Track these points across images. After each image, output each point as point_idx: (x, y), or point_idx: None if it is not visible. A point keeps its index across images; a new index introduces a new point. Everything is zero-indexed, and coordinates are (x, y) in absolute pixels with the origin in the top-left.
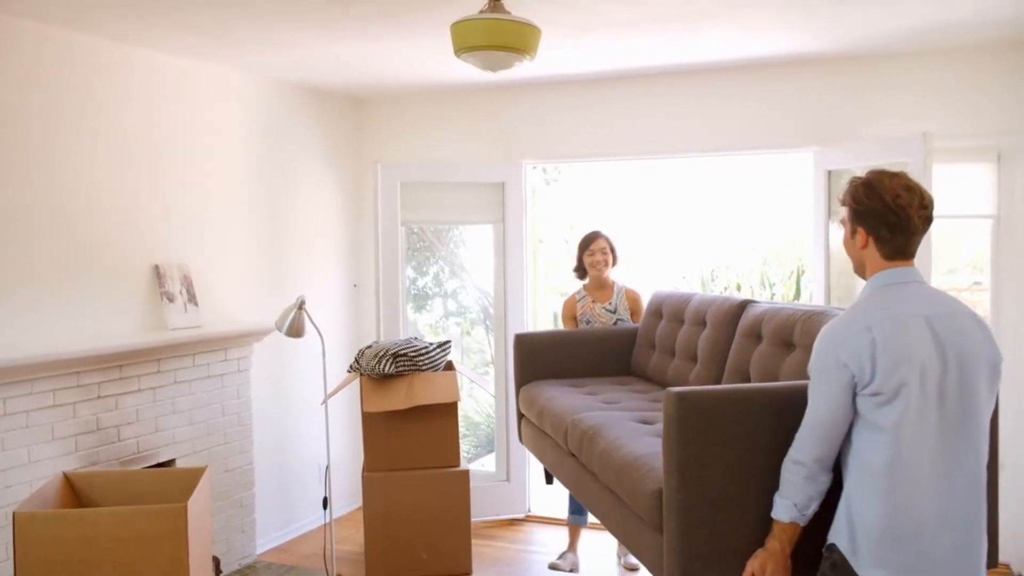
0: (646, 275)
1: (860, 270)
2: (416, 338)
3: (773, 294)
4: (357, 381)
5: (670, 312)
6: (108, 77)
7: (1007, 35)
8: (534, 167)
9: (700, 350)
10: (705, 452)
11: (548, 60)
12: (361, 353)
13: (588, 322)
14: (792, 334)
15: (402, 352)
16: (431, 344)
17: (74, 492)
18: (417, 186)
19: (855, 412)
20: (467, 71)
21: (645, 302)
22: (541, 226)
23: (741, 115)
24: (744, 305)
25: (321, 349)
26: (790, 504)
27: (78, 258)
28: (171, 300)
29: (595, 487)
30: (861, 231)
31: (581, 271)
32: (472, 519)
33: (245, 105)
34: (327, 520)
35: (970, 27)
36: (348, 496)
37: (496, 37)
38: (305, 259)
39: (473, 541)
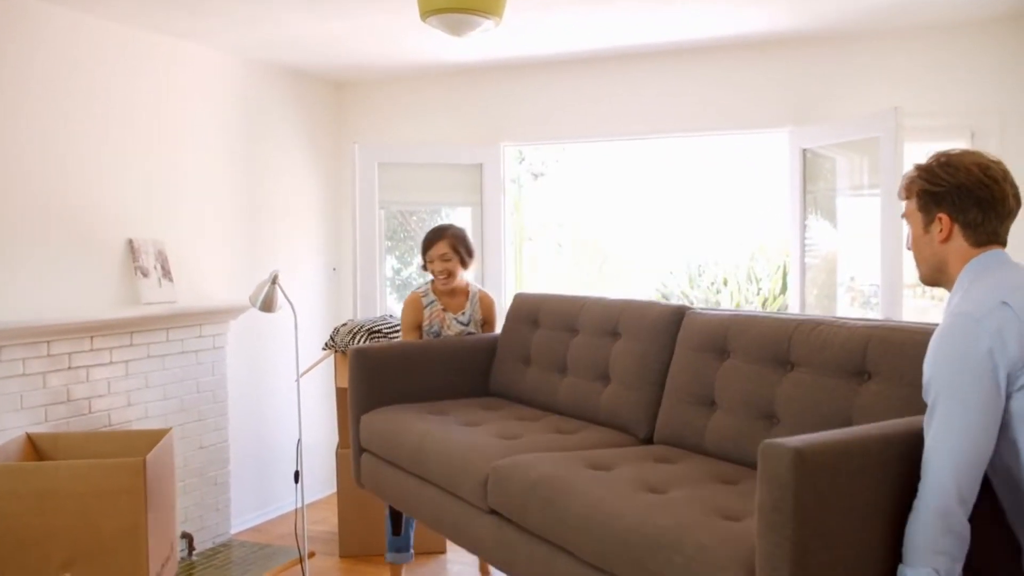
0: (636, 272)
1: (938, 273)
2: (391, 315)
3: (760, 289)
4: (333, 359)
5: (553, 319)
6: (86, 51)
7: (980, 13)
8: (521, 161)
9: (618, 366)
10: (825, 531)
11: (524, 41)
12: (336, 331)
13: (437, 334)
14: (787, 351)
15: (376, 328)
16: None
17: (37, 452)
18: (395, 167)
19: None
20: (445, 53)
21: (500, 308)
22: (527, 223)
23: (717, 95)
24: (683, 312)
25: (294, 323)
26: (930, 573)
27: (51, 230)
28: (145, 275)
29: (557, 564)
30: (943, 219)
31: None
32: None
33: (224, 84)
34: (298, 494)
35: (944, 5)
36: (326, 481)
37: None
38: (283, 241)
39: None
